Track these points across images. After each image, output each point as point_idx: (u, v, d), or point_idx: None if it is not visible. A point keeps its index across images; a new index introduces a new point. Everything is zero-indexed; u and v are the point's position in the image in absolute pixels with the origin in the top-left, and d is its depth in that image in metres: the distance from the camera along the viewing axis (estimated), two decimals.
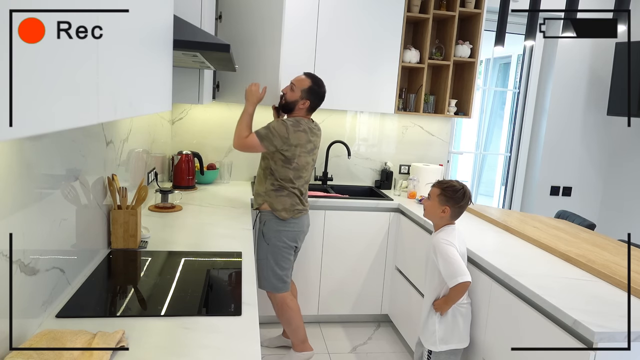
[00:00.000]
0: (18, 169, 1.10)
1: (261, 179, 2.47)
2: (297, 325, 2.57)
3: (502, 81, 4.91)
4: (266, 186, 2.43)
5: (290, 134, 2.35)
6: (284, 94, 2.46)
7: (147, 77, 1.07)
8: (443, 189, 1.95)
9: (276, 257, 2.46)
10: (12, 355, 1.00)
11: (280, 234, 2.45)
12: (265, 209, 2.45)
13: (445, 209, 1.95)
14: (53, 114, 0.58)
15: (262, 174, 2.46)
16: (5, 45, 0.45)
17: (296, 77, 2.45)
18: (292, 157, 2.38)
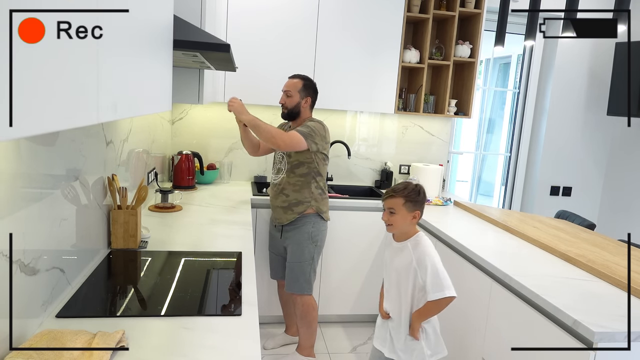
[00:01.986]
0: (18, 169, 1.10)
1: (301, 187, 2.42)
2: (314, 329, 2.61)
3: (502, 81, 4.91)
4: (312, 190, 2.44)
5: (326, 132, 2.44)
6: (283, 104, 2.44)
7: (147, 77, 1.07)
8: (406, 195, 1.79)
9: (318, 258, 2.56)
10: (12, 355, 1.00)
11: (324, 235, 2.56)
12: (311, 212, 2.46)
13: (416, 214, 1.81)
14: (53, 114, 0.58)
15: (304, 181, 2.42)
16: (5, 45, 0.45)
17: (285, 84, 2.45)
18: (328, 155, 2.50)
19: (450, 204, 3.11)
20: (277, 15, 2.96)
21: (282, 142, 2.29)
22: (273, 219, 2.58)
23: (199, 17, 1.92)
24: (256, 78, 3.00)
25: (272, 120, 3.39)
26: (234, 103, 2.29)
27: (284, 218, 2.46)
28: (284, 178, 2.43)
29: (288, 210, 2.44)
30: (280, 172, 2.45)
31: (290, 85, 2.42)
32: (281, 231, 2.52)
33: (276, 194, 2.47)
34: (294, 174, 2.41)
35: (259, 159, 3.43)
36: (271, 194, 2.53)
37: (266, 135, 2.27)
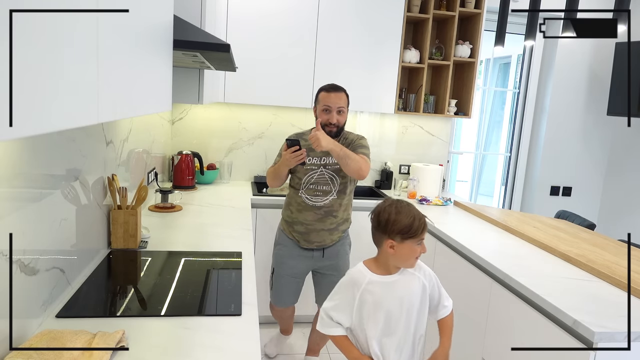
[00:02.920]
0: (18, 169, 1.10)
1: (348, 204, 2.35)
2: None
3: (502, 81, 4.91)
4: (352, 205, 2.40)
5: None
6: (333, 123, 2.20)
7: (147, 77, 1.07)
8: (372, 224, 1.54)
9: None
10: (12, 355, 1.00)
11: None
12: (347, 227, 2.41)
13: (389, 244, 1.49)
14: (53, 114, 0.58)
15: (350, 198, 2.35)
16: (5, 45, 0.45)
17: (332, 99, 2.19)
18: None
19: (450, 204, 3.12)
20: (277, 15, 2.96)
21: (366, 172, 2.14)
22: (306, 242, 2.31)
23: (199, 17, 1.92)
24: (256, 78, 3.00)
25: (272, 120, 3.39)
26: (317, 134, 2.04)
27: (329, 239, 2.32)
28: (334, 200, 2.26)
29: (335, 231, 2.31)
30: (327, 195, 2.25)
31: (342, 101, 2.22)
32: (322, 253, 2.34)
33: (322, 218, 2.27)
34: (344, 194, 2.29)
35: (259, 158, 3.43)
36: (311, 218, 2.27)
37: (355, 166, 2.10)
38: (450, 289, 2.28)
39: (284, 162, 2.13)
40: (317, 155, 2.24)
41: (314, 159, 2.25)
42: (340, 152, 2.07)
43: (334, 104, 2.20)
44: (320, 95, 2.23)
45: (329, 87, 2.23)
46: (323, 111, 2.21)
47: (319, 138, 2.02)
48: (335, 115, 2.21)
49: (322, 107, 2.21)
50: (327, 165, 2.24)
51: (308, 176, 2.25)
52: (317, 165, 2.25)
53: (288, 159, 2.09)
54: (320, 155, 2.24)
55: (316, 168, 2.24)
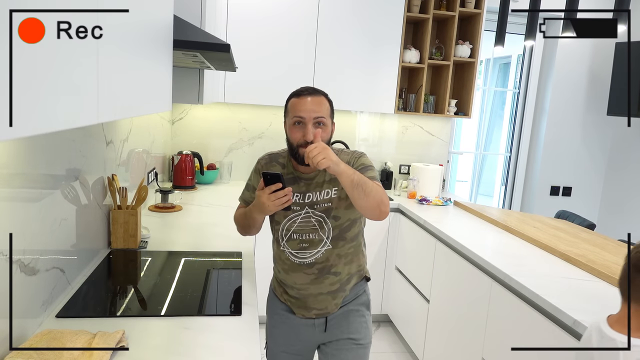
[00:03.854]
0: (18, 169, 1.10)
1: (355, 253, 1.61)
2: None
3: (502, 81, 4.91)
4: (363, 252, 1.67)
5: None
6: (310, 143, 1.42)
7: (147, 77, 1.07)
8: None
9: None
10: (12, 355, 1.00)
11: None
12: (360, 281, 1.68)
13: None
14: (53, 114, 0.58)
15: (356, 245, 1.62)
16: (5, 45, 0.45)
17: (310, 104, 1.46)
18: None
19: (450, 204, 3.11)
20: (277, 15, 2.96)
21: (388, 208, 1.44)
22: (302, 309, 1.61)
23: (199, 17, 1.92)
24: (256, 78, 3.00)
25: (272, 120, 3.39)
26: (318, 147, 1.35)
27: (332, 305, 1.60)
28: (329, 251, 1.54)
29: (339, 292, 1.59)
30: (318, 246, 1.53)
31: (321, 109, 1.47)
32: (325, 323, 1.62)
33: (317, 279, 1.55)
34: (344, 240, 1.55)
35: None
36: (302, 280, 1.57)
37: (373, 200, 1.39)
38: (451, 289, 2.29)
39: (259, 206, 1.42)
40: (300, 191, 1.52)
41: (295, 196, 1.51)
42: (354, 177, 1.36)
43: (308, 112, 1.44)
44: (290, 104, 1.49)
45: (302, 90, 1.49)
46: (294, 125, 1.46)
47: (323, 151, 1.33)
48: (314, 130, 1.43)
49: (293, 119, 1.46)
50: (315, 204, 1.51)
51: (288, 221, 1.53)
52: (300, 204, 1.52)
53: (266, 203, 1.38)
54: (304, 189, 1.52)
55: (299, 209, 1.52)
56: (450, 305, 2.28)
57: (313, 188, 1.54)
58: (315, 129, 1.45)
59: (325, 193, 1.54)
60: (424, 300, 2.56)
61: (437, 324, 2.41)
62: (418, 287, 2.67)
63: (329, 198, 1.53)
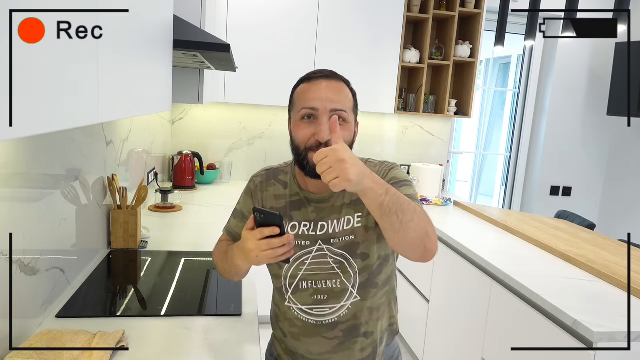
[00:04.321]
0: (18, 169, 1.10)
1: (388, 303, 1.20)
2: None
3: (502, 81, 4.91)
4: (396, 300, 1.25)
5: None
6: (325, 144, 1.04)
7: (147, 77, 1.07)
8: None
9: None
10: (12, 355, 1.00)
11: None
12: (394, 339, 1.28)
13: None
14: (53, 114, 0.58)
15: (389, 291, 1.20)
16: (5, 45, 0.45)
17: (326, 90, 1.07)
18: None
19: (450, 204, 3.11)
20: (277, 15, 2.96)
21: (436, 240, 0.99)
22: None
23: (199, 17, 1.92)
24: (256, 78, 3.00)
25: (272, 120, 3.39)
26: (329, 154, 0.88)
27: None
28: (358, 305, 1.13)
29: (373, 358, 1.19)
30: (341, 297, 1.13)
31: (342, 98, 1.09)
32: None
33: (342, 344, 1.15)
34: (375, 287, 1.14)
35: (259, 158, 3.43)
36: (321, 349, 1.16)
37: (416, 232, 0.94)
38: (451, 289, 2.29)
39: (244, 253, 0.99)
40: (309, 219, 1.13)
41: (303, 226, 1.13)
42: (385, 199, 0.91)
43: (323, 102, 1.05)
44: (298, 92, 1.11)
45: (314, 73, 1.12)
46: (302, 120, 1.07)
47: (337, 163, 0.86)
48: (326, 127, 1.03)
49: (301, 111, 1.07)
50: (333, 238, 1.11)
51: (294, 262, 1.13)
52: (310, 238, 1.13)
53: (254, 251, 0.96)
54: (315, 216, 1.13)
55: (309, 244, 1.12)
56: (450, 305, 2.28)
57: (328, 214, 1.11)
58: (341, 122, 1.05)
59: (345, 221, 1.10)
60: (424, 300, 2.56)
61: (437, 324, 2.41)
62: (418, 287, 2.67)
63: (351, 229, 1.10)
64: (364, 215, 1.11)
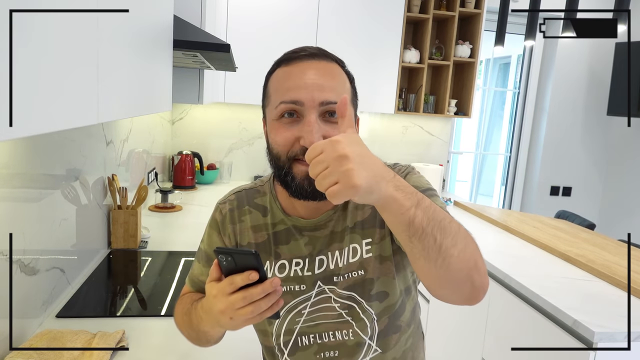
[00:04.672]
0: (18, 169, 1.10)
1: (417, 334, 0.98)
2: None
3: (502, 81, 4.91)
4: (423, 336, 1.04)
5: None
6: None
7: (147, 77, 1.07)
8: None
9: None
10: (12, 355, 1.00)
11: None
12: None
13: None
14: (53, 114, 0.58)
15: (415, 331, 0.97)
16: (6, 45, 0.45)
17: (314, 75, 0.79)
18: None
19: (450, 204, 3.11)
20: (277, 15, 2.96)
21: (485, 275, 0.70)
22: None
23: (199, 17, 1.92)
24: (256, 78, 2.99)
25: None
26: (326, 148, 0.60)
27: None
28: (378, 359, 0.89)
29: None
30: (355, 354, 0.88)
31: (335, 84, 0.80)
32: None
33: None
34: (398, 331, 0.91)
35: (259, 158, 3.43)
36: None
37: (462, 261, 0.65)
38: None
39: (212, 316, 0.71)
40: (301, 254, 0.87)
41: (292, 266, 0.88)
42: (417, 212, 0.62)
43: (310, 91, 0.77)
44: (274, 80, 0.87)
45: (295, 52, 0.87)
46: (280, 118, 0.81)
47: (343, 147, 0.59)
48: (316, 126, 0.76)
49: (279, 106, 0.81)
50: (336, 276, 0.86)
51: (288, 314, 0.89)
52: (306, 280, 0.87)
53: (226, 312, 0.67)
54: (310, 249, 0.87)
55: (304, 289, 0.87)
56: (450, 305, 2.28)
57: (327, 245, 0.86)
58: (324, 124, 0.77)
59: (350, 252, 0.85)
60: (424, 300, 2.56)
61: (437, 324, 2.41)
62: (418, 287, 2.67)
63: (359, 261, 0.84)
64: (375, 242, 0.84)
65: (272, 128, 0.82)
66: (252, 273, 0.65)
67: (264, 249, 0.89)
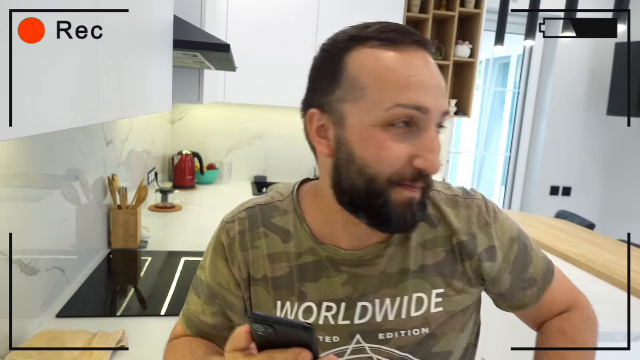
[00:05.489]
0: (18, 169, 1.10)
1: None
2: None
3: (502, 81, 4.91)
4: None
5: None
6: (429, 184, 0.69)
7: (147, 77, 1.07)
8: None
9: None
10: (12, 355, 1.00)
11: None
12: None
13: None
14: (53, 114, 0.58)
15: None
16: (5, 45, 0.45)
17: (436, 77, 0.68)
18: None
19: None
20: (277, 15, 2.96)
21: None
22: None
23: (199, 17, 1.92)
24: (256, 78, 3.00)
25: (273, 120, 3.39)
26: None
27: None
28: None
29: None
30: None
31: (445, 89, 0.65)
32: None
33: None
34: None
35: (259, 158, 3.43)
36: None
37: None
38: None
39: None
40: (336, 296, 0.66)
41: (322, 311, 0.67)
42: None
43: (435, 97, 0.64)
44: (376, 60, 0.59)
45: (395, 30, 0.60)
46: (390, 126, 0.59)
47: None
48: (437, 144, 0.69)
49: (394, 110, 0.58)
50: (385, 333, 0.66)
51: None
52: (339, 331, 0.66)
53: None
54: (350, 291, 0.66)
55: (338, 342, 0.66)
56: None
57: (375, 289, 0.67)
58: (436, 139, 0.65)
59: (413, 303, 0.67)
60: None
61: None
62: None
63: (424, 316, 0.67)
64: (449, 294, 0.66)
65: (371, 138, 0.57)
66: (304, 352, 0.47)
67: (283, 286, 0.67)
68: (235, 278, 0.70)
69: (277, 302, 0.67)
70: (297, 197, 0.70)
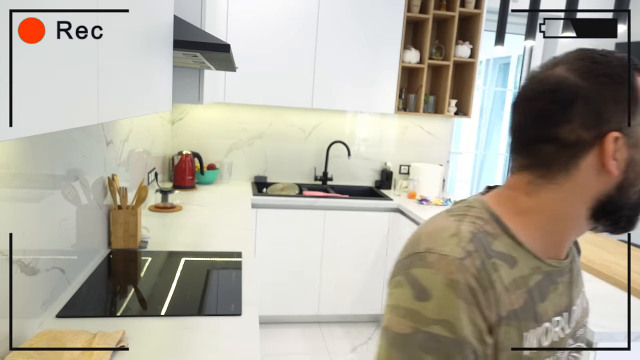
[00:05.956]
0: (18, 169, 1.10)
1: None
2: None
3: (502, 81, 4.91)
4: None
5: None
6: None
7: (147, 78, 1.07)
8: None
9: None
10: (12, 355, 1.00)
11: None
12: None
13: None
14: (53, 114, 0.58)
15: None
16: (5, 45, 0.45)
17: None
18: None
19: (450, 204, 3.11)
20: (277, 15, 2.96)
21: None
22: None
23: (199, 17, 1.92)
24: (257, 78, 3.00)
25: (273, 120, 3.39)
26: None
27: None
28: None
29: None
30: None
31: None
32: None
33: None
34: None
35: (259, 158, 3.43)
36: None
37: None
38: None
39: None
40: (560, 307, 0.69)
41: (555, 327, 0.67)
42: None
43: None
44: None
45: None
46: None
47: None
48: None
49: None
50: (579, 329, 0.74)
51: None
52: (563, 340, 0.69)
53: None
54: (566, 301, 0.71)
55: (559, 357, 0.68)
56: None
57: (572, 291, 0.72)
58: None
59: (585, 296, 0.78)
60: None
61: None
62: None
63: (588, 305, 0.79)
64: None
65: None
66: None
67: (523, 317, 0.62)
68: (488, 324, 0.59)
69: (524, 334, 0.62)
70: (495, 214, 0.67)
